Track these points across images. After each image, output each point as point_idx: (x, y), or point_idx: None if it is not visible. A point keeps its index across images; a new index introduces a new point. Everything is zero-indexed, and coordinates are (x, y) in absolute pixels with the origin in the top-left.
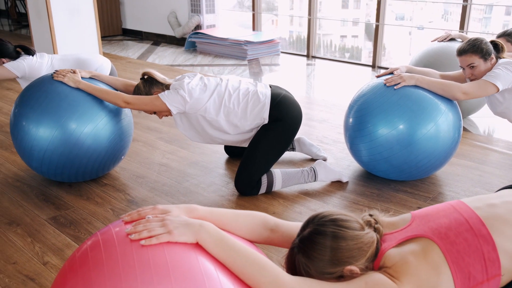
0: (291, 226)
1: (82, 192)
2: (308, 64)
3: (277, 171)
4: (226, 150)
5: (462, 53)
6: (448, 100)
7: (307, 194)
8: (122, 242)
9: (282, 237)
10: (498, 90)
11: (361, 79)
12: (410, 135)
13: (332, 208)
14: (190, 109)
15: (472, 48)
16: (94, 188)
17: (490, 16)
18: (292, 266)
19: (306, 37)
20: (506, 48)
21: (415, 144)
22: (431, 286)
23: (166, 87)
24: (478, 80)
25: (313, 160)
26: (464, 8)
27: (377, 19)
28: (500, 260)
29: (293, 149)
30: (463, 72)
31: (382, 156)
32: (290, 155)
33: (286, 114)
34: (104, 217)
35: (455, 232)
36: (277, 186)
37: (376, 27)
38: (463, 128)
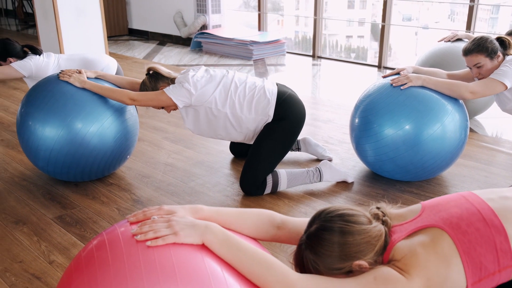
0: (298, 222)
1: (88, 192)
2: (313, 64)
3: (282, 172)
4: (231, 150)
5: (467, 53)
6: (455, 101)
7: (312, 195)
8: (128, 242)
9: (289, 233)
10: (506, 88)
11: (366, 80)
12: (417, 135)
13: None
14: (196, 101)
15: (477, 48)
16: (100, 188)
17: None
18: (300, 263)
19: (312, 37)
20: None
21: (421, 144)
22: (441, 277)
23: (172, 81)
24: (486, 79)
25: (318, 160)
26: (470, 8)
27: (383, 19)
28: None
29: (298, 149)
30: (470, 72)
31: (388, 157)
32: (296, 155)
33: (290, 113)
34: (109, 216)
35: (466, 222)
36: (282, 187)
37: (382, 27)
38: (469, 128)
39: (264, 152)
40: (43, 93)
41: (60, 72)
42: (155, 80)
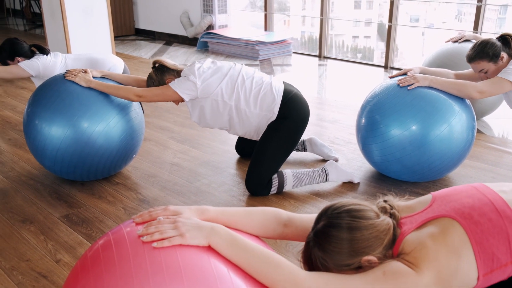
0: (305, 219)
1: (94, 191)
2: (320, 65)
3: (288, 172)
4: (237, 150)
5: (470, 60)
6: (462, 101)
7: (318, 195)
8: (134, 242)
9: (296, 231)
10: None
11: (373, 80)
12: (423, 136)
13: None
14: (202, 93)
15: (478, 55)
16: (106, 187)
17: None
18: (309, 261)
19: (318, 37)
20: None
21: (428, 145)
22: (452, 269)
23: (178, 73)
24: (493, 78)
25: (324, 160)
26: (478, 9)
27: (389, 20)
28: None
29: (304, 149)
30: (478, 75)
31: (395, 157)
32: (302, 155)
33: (295, 112)
34: (116, 215)
35: (479, 212)
36: (288, 187)
37: (389, 27)
38: (477, 129)
39: (268, 151)
40: (49, 92)
41: (66, 72)
42: (161, 73)
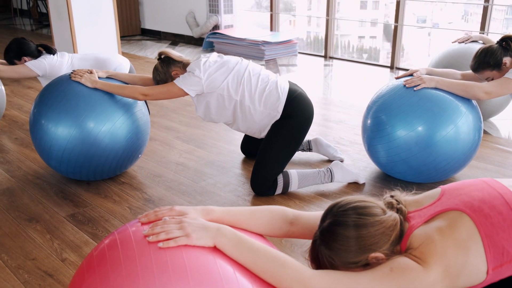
0: (311, 217)
1: (100, 190)
2: (325, 65)
3: (293, 172)
4: (242, 150)
5: (474, 71)
6: (469, 102)
7: (323, 195)
8: (139, 242)
9: (302, 229)
10: None
11: (379, 80)
12: (430, 136)
13: None
14: (207, 88)
15: (480, 66)
16: (111, 187)
17: None
18: (316, 259)
19: (324, 37)
20: None
21: (434, 146)
22: (460, 264)
23: (184, 65)
24: (500, 79)
25: (329, 161)
26: (485, 9)
27: (395, 20)
28: None
29: (309, 150)
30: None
31: (400, 158)
32: (307, 156)
33: (299, 112)
34: (121, 215)
35: (489, 205)
36: (293, 187)
37: (395, 27)
38: (483, 130)
39: (273, 151)
40: (55, 93)
41: (71, 72)
42: (167, 64)
